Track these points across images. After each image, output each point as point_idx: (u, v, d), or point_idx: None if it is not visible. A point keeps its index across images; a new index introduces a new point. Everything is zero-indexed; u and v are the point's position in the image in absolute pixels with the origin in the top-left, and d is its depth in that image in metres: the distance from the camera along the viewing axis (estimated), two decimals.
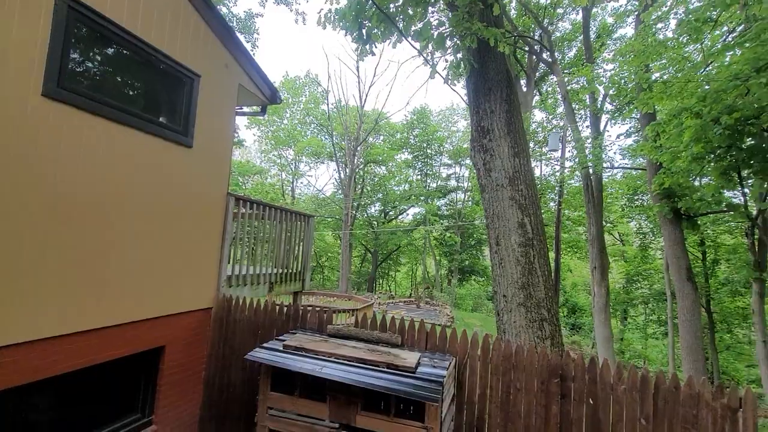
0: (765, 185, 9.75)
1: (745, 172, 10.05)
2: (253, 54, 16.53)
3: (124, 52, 3.40)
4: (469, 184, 35.14)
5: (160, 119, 3.78)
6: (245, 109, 6.04)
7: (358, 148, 31.72)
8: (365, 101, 31.05)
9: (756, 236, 11.65)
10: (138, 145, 3.46)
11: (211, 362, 4.32)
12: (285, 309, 4.22)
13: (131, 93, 3.54)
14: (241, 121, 38.86)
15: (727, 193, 12.35)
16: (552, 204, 22.37)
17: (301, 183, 40.60)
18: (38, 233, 2.74)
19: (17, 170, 2.63)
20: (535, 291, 4.80)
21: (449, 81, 5.79)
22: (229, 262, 4.81)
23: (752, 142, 9.78)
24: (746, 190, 10.79)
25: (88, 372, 3.15)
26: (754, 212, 10.70)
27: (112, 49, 3.32)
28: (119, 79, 3.43)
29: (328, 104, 32.83)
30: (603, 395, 3.19)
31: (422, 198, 35.73)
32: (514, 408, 3.38)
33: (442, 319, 20.02)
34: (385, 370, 3.02)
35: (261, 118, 34.37)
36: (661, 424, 3.02)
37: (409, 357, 3.22)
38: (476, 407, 3.48)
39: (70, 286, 2.94)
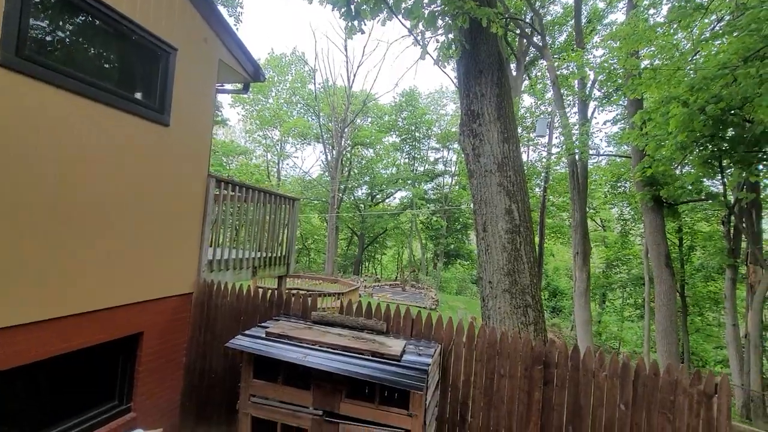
0: (743, 174, 9.98)
1: (726, 161, 10.26)
2: (237, 29, 15.86)
3: (92, 20, 3.14)
4: (457, 168, 35.15)
5: (134, 95, 3.54)
6: (227, 87, 5.77)
7: (346, 130, 31.21)
8: (353, 82, 30.40)
9: (732, 224, 12.01)
10: (109, 123, 3.24)
11: (192, 349, 4.22)
12: (268, 295, 4.13)
13: (101, 66, 3.29)
14: (224, 99, 37.67)
15: (705, 182, 12.64)
16: (537, 190, 22.60)
17: (287, 164, 39.96)
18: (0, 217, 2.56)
19: None
20: (520, 277, 4.82)
21: (439, 62, 5.62)
22: (210, 246, 4.66)
23: (733, 132, 9.95)
24: (726, 179, 11.05)
25: (60, 360, 3.02)
26: (732, 201, 10.98)
27: (79, 17, 3.06)
28: (87, 51, 3.18)
29: (315, 84, 32.03)
30: (585, 381, 3.23)
31: (409, 182, 35.63)
32: (498, 394, 3.41)
33: (427, 303, 20.27)
34: (370, 358, 2.98)
35: (245, 96, 33.47)
36: (640, 410, 3.08)
37: (394, 345, 3.19)
38: (460, 393, 3.50)
39: (35, 271, 2.77)
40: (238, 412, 3.24)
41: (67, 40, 3.03)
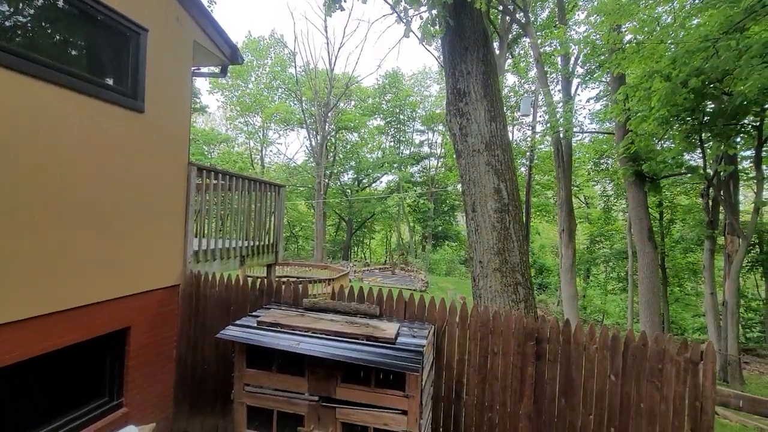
0: (722, 147, 10.20)
1: (705, 135, 10.46)
2: (211, 9, 15.18)
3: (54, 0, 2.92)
4: (443, 150, 35.06)
5: (104, 80, 3.35)
6: (203, 70, 5.53)
7: (329, 114, 30.69)
8: (335, 64, 29.74)
9: (711, 196, 12.34)
10: (79, 110, 3.06)
11: (182, 341, 4.15)
12: (258, 283, 4.06)
13: (65, 50, 3.08)
14: (202, 86, 36.53)
15: (685, 156, 12.90)
16: (523, 169, 22.75)
17: (271, 151, 39.25)
18: None
19: None
20: (510, 256, 4.85)
21: (424, 41, 5.48)
22: (195, 237, 4.54)
23: (713, 106, 10.12)
24: (705, 153, 11.28)
25: (46, 359, 2.91)
26: (711, 173, 11.25)
27: None
28: (49, 33, 2.96)
29: (295, 67, 31.22)
30: (576, 354, 3.29)
31: (395, 165, 35.45)
32: (491, 371, 3.46)
33: (417, 285, 20.48)
34: (365, 342, 2.97)
35: (224, 81, 32.47)
36: (629, 380, 3.16)
37: (388, 328, 3.18)
38: (455, 372, 3.53)
39: (10, 269, 2.63)
40: (232, 402, 3.20)
41: (26, 20, 2.81)
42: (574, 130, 15.29)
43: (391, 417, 2.88)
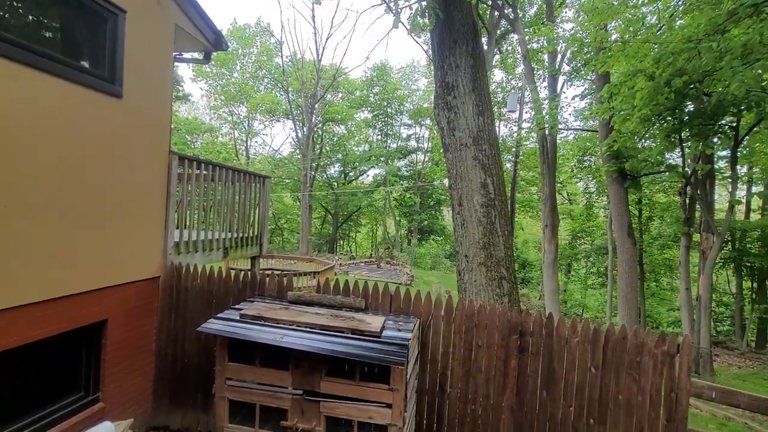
0: (700, 147, 10.50)
1: (685, 134, 10.73)
2: None
3: None
4: (430, 145, 35.12)
5: (79, 63, 3.19)
6: (186, 56, 5.35)
7: (316, 106, 30.30)
8: (322, 55, 29.34)
9: (688, 195, 12.71)
10: (51, 93, 2.90)
11: (162, 334, 4.05)
12: (242, 276, 3.98)
13: (36, 29, 2.92)
14: (186, 73, 35.59)
15: (665, 155, 13.22)
16: (508, 165, 22.99)
17: (256, 142, 38.59)
18: None
19: None
20: (495, 250, 4.89)
21: (413, 33, 5.42)
22: (177, 228, 4.42)
23: (692, 106, 10.38)
24: (684, 152, 11.58)
25: (15, 353, 2.79)
26: (689, 172, 11.56)
27: None
28: (20, 12, 2.80)
29: (282, 57, 30.67)
30: (558, 347, 3.34)
31: (382, 159, 35.34)
32: (476, 363, 3.49)
33: (402, 278, 20.57)
34: (350, 335, 2.94)
35: (208, 69, 31.66)
36: (609, 372, 3.23)
37: (373, 321, 3.16)
38: (439, 365, 3.55)
39: None
40: (214, 396, 3.15)
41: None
42: (560, 127, 15.49)
43: (376, 410, 2.87)
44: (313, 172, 32.92)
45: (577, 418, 3.28)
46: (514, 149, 20.43)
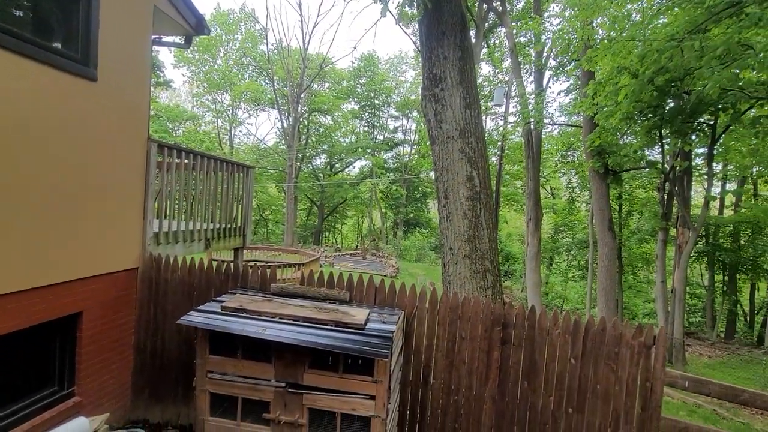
0: (679, 144, 10.77)
1: (665, 131, 10.99)
2: None
3: None
4: (416, 137, 35.05)
5: (50, 43, 3.03)
6: (166, 39, 5.17)
7: (302, 96, 29.84)
8: (309, 43, 28.85)
9: (666, 190, 13.07)
10: (18, 74, 2.75)
11: (141, 326, 3.96)
12: (223, 267, 3.91)
13: (4, 6, 2.74)
14: (167, 59, 34.45)
15: (645, 152, 13.53)
16: (494, 158, 23.16)
17: (240, 132, 37.86)
18: None
19: None
20: (480, 243, 4.93)
21: (401, 22, 5.35)
22: (156, 218, 4.30)
23: (672, 104, 10.62)
24: (663, 148, 11.87)
25: None
26: (668, 168, 11.87)
27: None
28: None
29: (267, 45, 29.98)
30: (540, 339, 3.40)
31: (369, 150, 35.16)
32: (459, 355, 3.52)
33: (387, 271, 20.64)
34: (334, 328, 2.92)
35: (190, 55, 30.76)
36: (588, 362, 3.31)
37: (357, 314, 3.15)
38: (423, 356, 3.57)
39: None
40: (195, 390, 3.09)
41: None
42: (545, 122, 15.66)
43: (359, 402, 2.88)
44: (298, 163, 32.55)
45: (556, 407, 3.35)
46: (499, 143, 20.59)
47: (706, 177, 13.37)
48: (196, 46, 29.52)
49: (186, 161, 4.73)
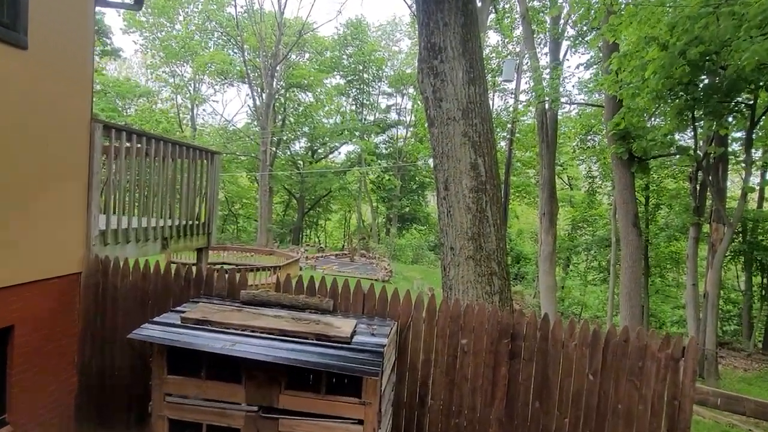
0: (713, 127, 10.92)
1: (698, 113, 11.13)
2: None
3: None
4: (413, 118, 34.99)
5: None
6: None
7: (278, 68, 29.59)
8: (285, 5, 28.52)
9: (699, 180, 13.26)
10: None
11: (86, 342, 3.92)
12: (184, 271, 3.88)
13: None
14: (116, 23, 33.77)
15: (675, 136, 13.70)
16: (502, 143, 23.27)
17: (204, 110, 37.49)
18: None
19: None
20: (486, 242, 4.94)
21: None
22: (103, 213, 4.24)
23: (707, 81, 10.75)
24: (696, 132, 12.03)
25: None
26: (701, 155, 12.04)
27: None
28: None
29: (236, 7, 29.62)
30: (554, 352, 3.45)
31: (357, 133, 35.05)
32: (461, 371, 3.55)
33: (379, 274, 20.69)
34: (315, 342, 2.92)
35: (143, 18, 30.20)
36: (608, 378, 3.36)
37: (343, 325, 3.15)
38: (419, 374, 3.60)
39: None
40: (150, 416, 3.07)
41: None
42: (562, 100, 15.74)
43: (345, 428, 2.88)
44: (274, 148, 32.34)
45: (572, 430, 3.41)
46: (509, 125, 20.68)
47: (743, 165, 13.60)
48: (149, 8, 29.02)
49: (138, 146, 4.67)
